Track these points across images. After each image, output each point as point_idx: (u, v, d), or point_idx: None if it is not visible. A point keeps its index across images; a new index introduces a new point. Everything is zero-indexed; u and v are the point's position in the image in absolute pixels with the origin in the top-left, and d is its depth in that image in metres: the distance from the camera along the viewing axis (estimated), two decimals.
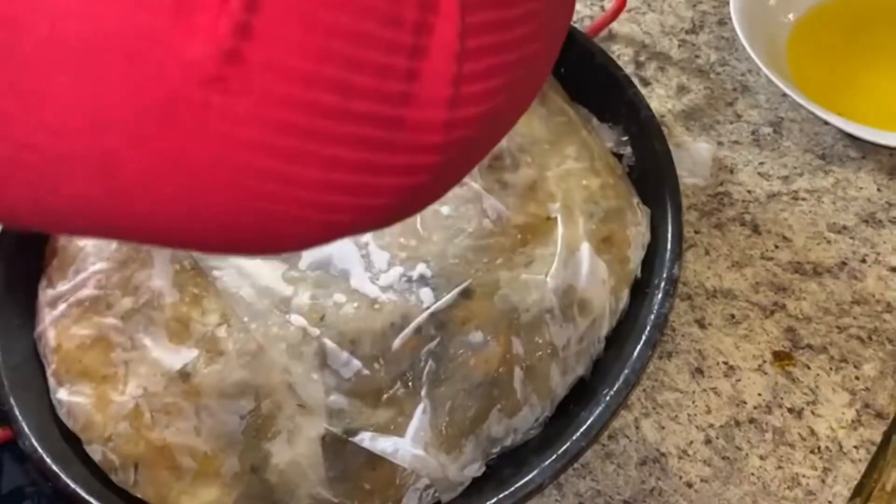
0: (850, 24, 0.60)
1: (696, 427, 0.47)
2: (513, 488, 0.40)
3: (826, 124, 0.56)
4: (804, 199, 0.54)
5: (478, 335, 0.44)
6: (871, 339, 0.49)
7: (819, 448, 0.46)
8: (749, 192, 0.55)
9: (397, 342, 0.43)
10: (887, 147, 0.54)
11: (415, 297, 0.44)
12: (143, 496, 0.43)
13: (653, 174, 0.49)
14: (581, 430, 0.41)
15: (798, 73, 0.57)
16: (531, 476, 0.40)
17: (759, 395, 0.48)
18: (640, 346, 0.43)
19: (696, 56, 0.61)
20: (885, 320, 0.50)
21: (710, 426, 0.47)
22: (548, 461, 0.41)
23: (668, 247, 0.46)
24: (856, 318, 0.50)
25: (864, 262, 0.52)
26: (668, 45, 0.62)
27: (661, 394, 0.48)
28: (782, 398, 0.48)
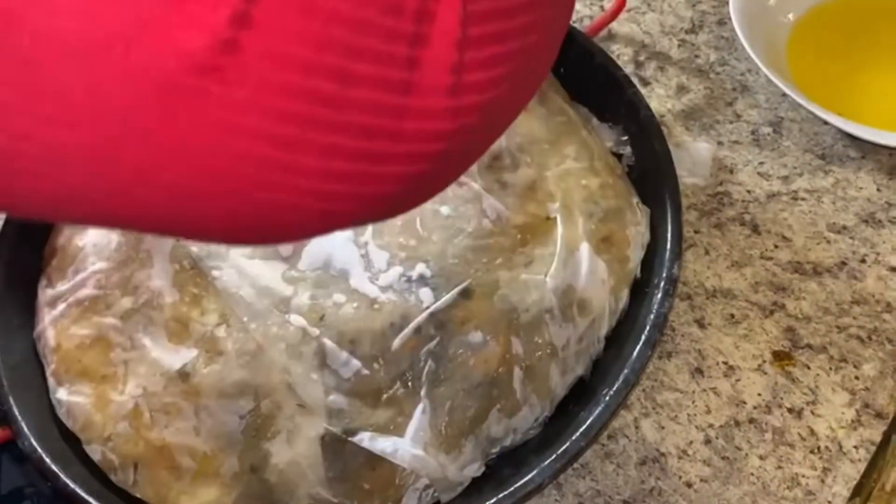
0: (850, 23, 0.60)
1: (696, 427, 0.47)
2: (512, 488, 0.40)
3: (826, 124, 0.56)
4: (804, 198, 0.54)
5: (477, 335, 0.44)
6: (870, 338, 0.49)
7: (819, 448, 0.46)
8: (749, 191, 0.55)
9: (397, 342, 0.43)
10: (887, 147, 0.54)
11: (414, 296, 0.44)
12: (142, 496, 0.43)
13: (652, 174, 0.49)
14: (580, 430, 0.41)
15: (798, 73, 0.57)
16: (531, 476, 0.40)
17: (759, 395, 0.48)
18: (639, 346, 0.43)
19: (696, 56, 0.61)
20: (884, 320, 0.50)
21: (710, 426, 0.47)
22: (547, 461, 0.41)
23: (668, 246, 0.46)
24: (855, 318, 0.50)
25: (863, 262, 0.52)
26: (668, 44, 0.62)
27: (661, 394, 0.48)
28: (782, 398, 0.48)
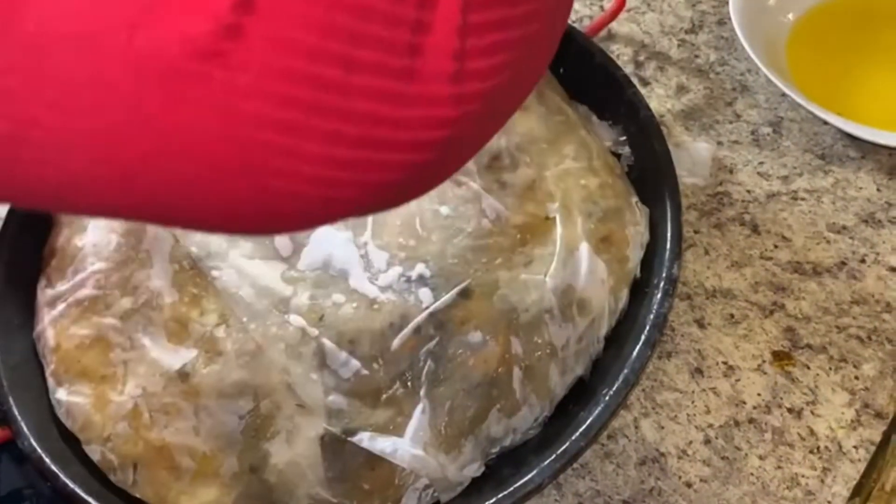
0: (850, 23, 0.60)
1: (696, 427, 0.47)
2: (512, 488, 0.40)
3: (825, 124, 0.56)
4: (804, 198, 0.54)
5: (477, 335, 0.44)
6: (870, 338, 0.49)
7: (818, 448, 0.46)
8: (748, 191, 0.55)
9: (396, 342, 0.43)
10: (887, 147, 0.54)
11: (414, 297, 0.44)
12: (141, 496, 0.43)
13: (652, 174, 0.49)
14: (580, 430, 0.41)
15: (797, 73, 0.57)
16: (530, 476, 0.40)
17: (759, 395, 0.48)
18: (639, 346, 0.43)
19: (696, 56, 0.61)
20: (884, 320, 0.50)
21: (710, 426, 0.47)
22: (547, 461, 0.41)
23: (668, 246, 0.46)
24: (855, 318, 0.50)
25: (863, 262, 0.52)
26: (668, 44, 0.62)
27: (661, 394, 0.48)
28: (782, 398, 0.48)
